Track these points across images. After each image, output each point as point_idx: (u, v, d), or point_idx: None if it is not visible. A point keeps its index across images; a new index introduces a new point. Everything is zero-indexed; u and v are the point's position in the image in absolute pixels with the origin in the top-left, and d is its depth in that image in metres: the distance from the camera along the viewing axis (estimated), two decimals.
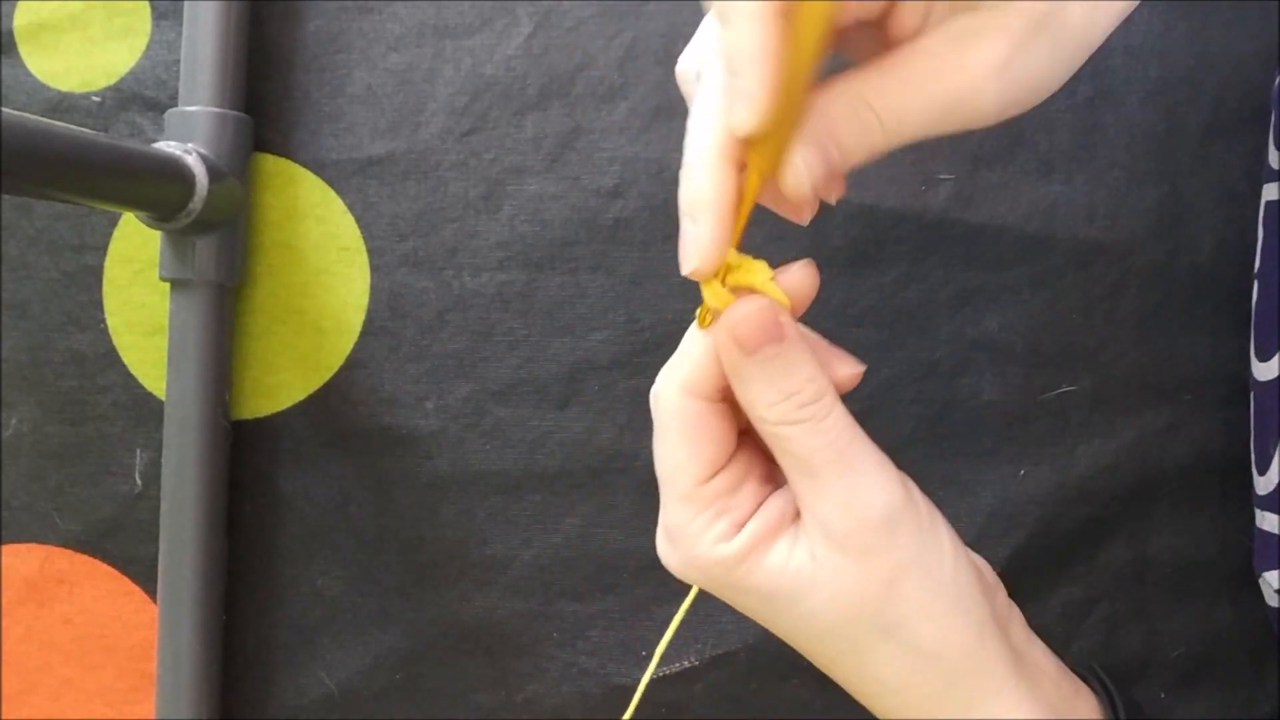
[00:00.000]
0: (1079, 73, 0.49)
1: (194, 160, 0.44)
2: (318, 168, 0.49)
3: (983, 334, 0.45)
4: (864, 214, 0.46)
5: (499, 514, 0.48)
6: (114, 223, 0.50)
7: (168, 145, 0.44)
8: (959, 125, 0.25)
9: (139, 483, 0.50)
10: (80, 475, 0.50)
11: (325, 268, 0.49)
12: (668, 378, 0.28)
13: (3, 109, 0.33)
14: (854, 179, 0.32)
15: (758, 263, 0.27)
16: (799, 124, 0.24)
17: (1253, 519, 0.42)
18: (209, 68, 0.46)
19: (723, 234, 0.26)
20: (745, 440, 0.29)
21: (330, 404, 0.49)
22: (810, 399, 0.26)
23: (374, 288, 0.48)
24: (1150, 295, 0.45)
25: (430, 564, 0.48)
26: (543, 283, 0.47)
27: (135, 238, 0.49)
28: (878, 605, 0.27)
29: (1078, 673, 0.31)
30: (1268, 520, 0.40)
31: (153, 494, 0.49)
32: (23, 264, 0.50)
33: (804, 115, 0.24)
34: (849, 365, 0.28)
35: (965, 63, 0.24)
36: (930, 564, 0.27)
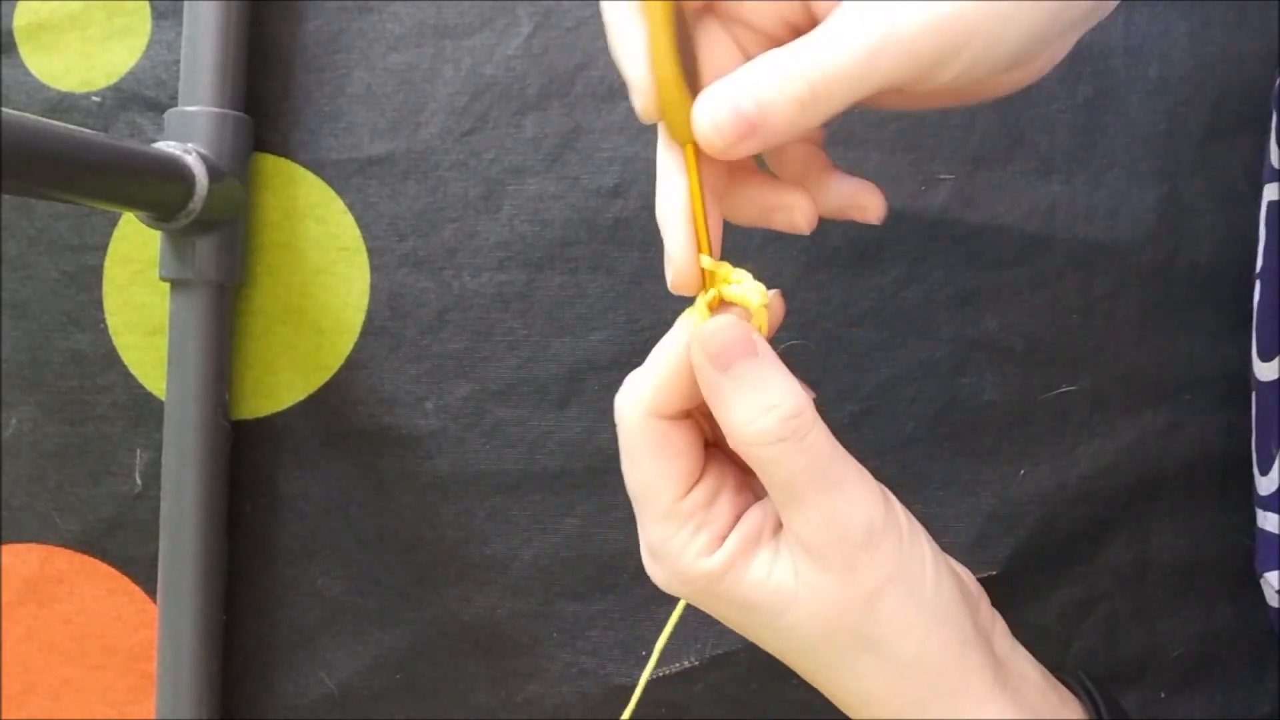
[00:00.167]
0: (1079, 73, 0.49)
1: (194, 160, 0.44)
2: (317, 168, 0.49)
3: (983, 334, 0.45)
4: None
5: (499, 514, 0.48)
6: (114, 223, 0.50)
7: (168, 145, 0.44)
8: (893, 72, 0.24)
9: (139, 483, 0.50)
10: (80, 475, 0.50)
11: (325, 268, 0.49)
12: (630, 399, 0.28)
13: (3, 109, 0.33)
14: None
15: (737, 270, 0.28)
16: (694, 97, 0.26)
17: (1253, 519, 0.42)
18: (209, 68, 0.46)
19: (687, 243, 0.26)
20: (714, 451, 0.30)
21: (330, 404, 0.49)
22: (790, 413, 0.26)
23: (374, 288, 0.48)
24: (1150, 295, 0.45)
25: (430, 564, 0.48)
26: (543, 283, 0.47)
27: (135, 238, 0.49)
28: (859, 620, 0.27)
29: (1064, 681, 0.31)
30: (1269, 521, 0.40)
31: (153, 494, 0.49)
32: (23, 264, 0.50)
33: (696, 88, 0.26)
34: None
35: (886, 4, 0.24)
36: (912, 578, 0.27)
